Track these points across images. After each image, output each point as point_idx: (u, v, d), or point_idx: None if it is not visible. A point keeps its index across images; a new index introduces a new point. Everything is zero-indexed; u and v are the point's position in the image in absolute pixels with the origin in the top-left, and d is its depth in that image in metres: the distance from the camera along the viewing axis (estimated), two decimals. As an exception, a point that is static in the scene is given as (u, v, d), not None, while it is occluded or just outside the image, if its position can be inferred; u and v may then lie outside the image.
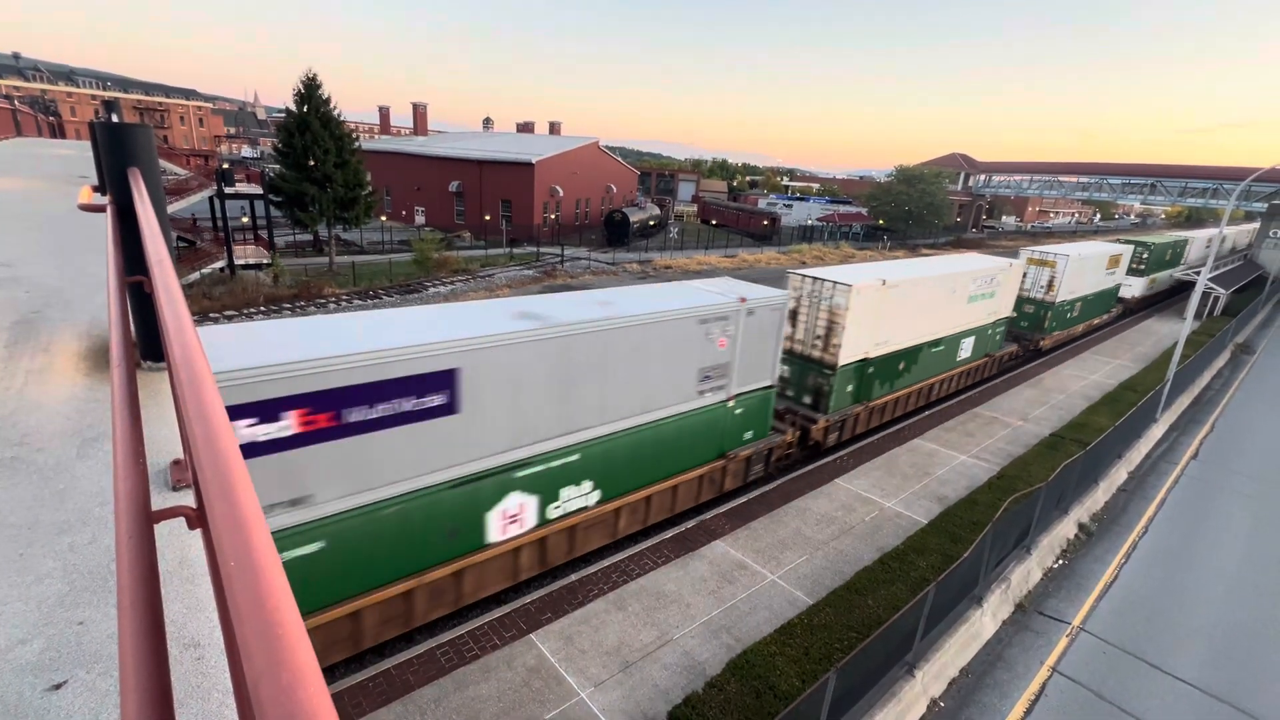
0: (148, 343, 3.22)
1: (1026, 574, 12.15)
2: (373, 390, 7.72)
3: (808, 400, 16.83)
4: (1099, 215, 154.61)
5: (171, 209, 27.10)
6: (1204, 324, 37.10)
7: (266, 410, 6.91)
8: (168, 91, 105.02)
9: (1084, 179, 77.63)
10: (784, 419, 16.17)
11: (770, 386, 14.05)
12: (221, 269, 31.32)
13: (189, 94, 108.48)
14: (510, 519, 9.82)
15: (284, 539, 7.41)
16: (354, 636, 8.54)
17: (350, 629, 8.44)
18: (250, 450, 6.82)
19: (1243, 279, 44.49)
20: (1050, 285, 26.84)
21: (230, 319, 25.40)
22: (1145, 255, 36.50)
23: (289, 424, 7.11)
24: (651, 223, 61.69)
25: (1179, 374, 20.75)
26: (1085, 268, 28.40)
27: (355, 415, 7.65)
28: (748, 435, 14.02)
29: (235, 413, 6.63)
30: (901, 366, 18.60)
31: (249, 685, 0.45)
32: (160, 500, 2.07)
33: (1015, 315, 25.24)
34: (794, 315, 16.60)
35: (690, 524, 12.94)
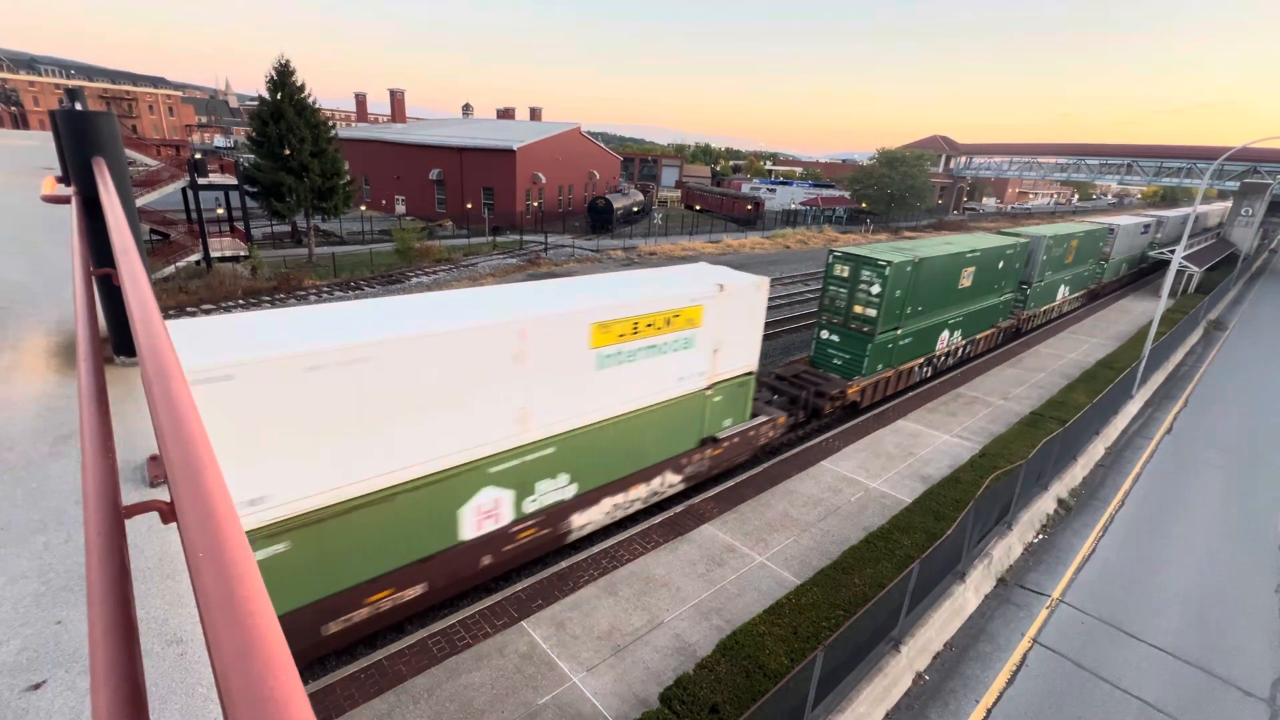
0: (122, 337, 3.15)
1: (1008, 549, 12.42)
2: None
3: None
4: (1077, 196, 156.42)
5: (143, 200, 26.39)
6: (1178, 301, 37.81)
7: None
8: (135, 80, 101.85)
9: (1062, 160, 78.32)
10: None
11: None
12: (197, 262, 30.67)
13: (157, 82, 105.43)
14: None
15: None
16: None
17: None
18: None
19: (1215, 257, 45.35)
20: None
21: (208, 313, 24.93)
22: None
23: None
24: (635, 209, 61.34)
25: (1154, 351, 21.19)
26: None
27: None
28: None
29: None
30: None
31: (218, 675, 0.44)
32: (138, 496, 2.03)
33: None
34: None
35: (679, 508, 13.02)
